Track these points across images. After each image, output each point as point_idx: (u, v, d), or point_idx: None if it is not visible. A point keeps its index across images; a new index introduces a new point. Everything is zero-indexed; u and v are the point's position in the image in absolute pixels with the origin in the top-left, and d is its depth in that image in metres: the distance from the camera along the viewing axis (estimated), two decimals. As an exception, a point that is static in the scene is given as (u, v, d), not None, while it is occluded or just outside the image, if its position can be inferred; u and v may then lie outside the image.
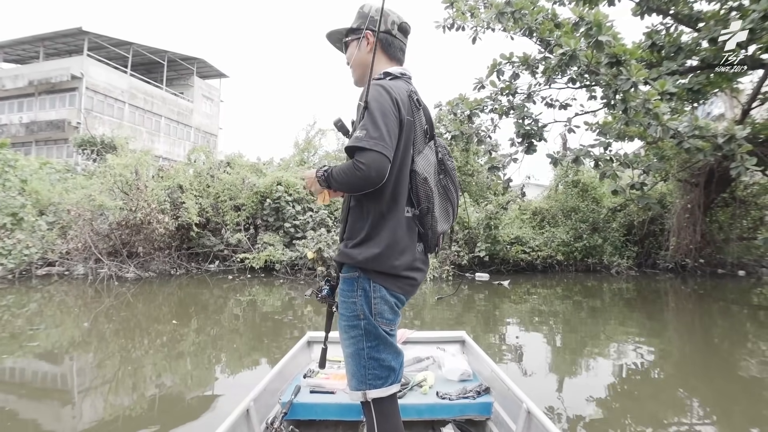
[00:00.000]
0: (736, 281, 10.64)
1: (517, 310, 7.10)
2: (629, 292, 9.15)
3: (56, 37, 24.30)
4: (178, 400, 3.32)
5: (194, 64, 29.51)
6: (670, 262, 11.05)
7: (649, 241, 11.73)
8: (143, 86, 26.88)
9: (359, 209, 1.41)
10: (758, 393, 3.69)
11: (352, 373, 1.42)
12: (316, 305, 7.35)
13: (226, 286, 8.28)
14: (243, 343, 4.91)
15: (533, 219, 11.48)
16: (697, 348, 5.29)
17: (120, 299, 6.93)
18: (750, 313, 7.33)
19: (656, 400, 3.37)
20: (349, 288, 1.40)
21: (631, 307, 7.66)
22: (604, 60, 5.79)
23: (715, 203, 11.40)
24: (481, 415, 2.21)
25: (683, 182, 10.83)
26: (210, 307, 6.77)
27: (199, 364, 4.21)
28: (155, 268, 9.07)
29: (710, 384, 3.88)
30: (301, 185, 10.11)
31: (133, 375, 3.77)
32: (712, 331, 6.04)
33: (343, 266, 1.43)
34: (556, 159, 7.47)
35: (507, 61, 7.56)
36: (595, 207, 11.49)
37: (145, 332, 5.27)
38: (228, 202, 9.90)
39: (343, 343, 1.43)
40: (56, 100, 24.09)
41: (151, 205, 8.38)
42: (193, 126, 29.91)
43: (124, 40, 25.01)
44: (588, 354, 4.77)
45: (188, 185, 9.22)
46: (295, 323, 5.77)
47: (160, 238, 9.07)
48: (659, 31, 9.43)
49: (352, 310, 1.39)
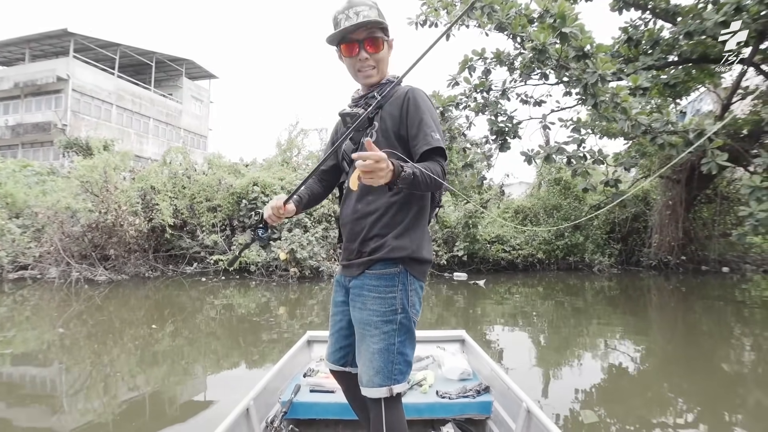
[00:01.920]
0: (719, 278, 10.56)
1: (499, 310, 6.99)
2: (611, 290, 9.06)
3: (42, 38, 24.10)
4: (158, 403, 3.21)
5: (183, 65, 29.33)
6: (653, 259, 10.95)
7: (632, 239, 11.65)
8: (131, 88, 26.69)
9: (405, 202, 1.44)
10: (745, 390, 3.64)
11: (377, 370, 1.38)
12: (290, 307, 7.26)
13: (201, 289, 8.15)
14: (221, 345, 4.82)
15: (515, 217, 11.37)
16: (680, 346, 5.21)
17: (88, 303, 6.78)
18: (733, 310, 7.26)
19: (643, 398, 3.34)
20: (388, 283, 1.40)
21: (613, 305, 7.57)
22: (571, 53, 5.68)
23: (698, 200, 11.32)
24: (481, 414, 2.21)
25: (665, 179, 10.74)
26: (184, 309, 6.63)
27: (174, 368, 4.08)
28: (129, 271, 8.93)
29: (710, 382, 3.82)
30: (278, 186, 9.98)
31: (105, 380, 3.66)
32: (698, 329, 5.98)
33: (377, 262, 1.42)
34: (530, 156, 7.35)
35: (479, 57, 7.45)
36: (577, 205, 11.39)
37: (116, 336, 5.12)
38: (204, 203, 9.76)
39: (371, 339, 1.40)
40: (42, 102, 23.89)
41: (122, 207, 8.23)
42: (183, 127, 29.73)
43: (111, 42, 24.83)
44: (572, 353, 4.71)
45: (161, 186, 9.07)
46: (272, 325, 5.68)
47: (133, 241, 8.92)
48: (638, 26, 9.35)
49: (390, 304, 1.40)
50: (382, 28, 1.47)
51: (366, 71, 1.49)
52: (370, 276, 1.42)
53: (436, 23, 7.73)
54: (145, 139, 27.01)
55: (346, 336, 1.59)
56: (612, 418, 2.97)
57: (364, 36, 1.44)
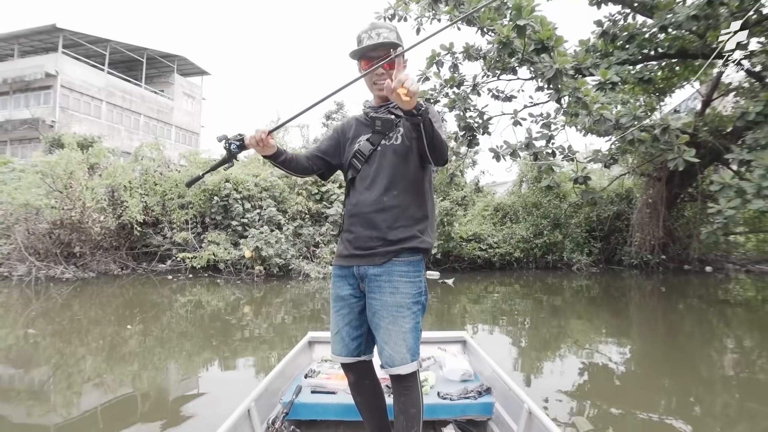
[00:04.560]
0: (702, 277, 10.38)
1: (476, 310, 6.87)
2: (588, 290, 8.88)
3: (31, 34, 23.91)
4: (121, 406, 3.05)
5: (175, 61, 29.13)
6: (635, 258, 10.77)
7: (614, 237, 11.47)
8: (121, 84, 26.51)
9: (422, 194, 1.66)
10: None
11: (408, 347, 1.55)
12: (256, 306, 7.12)
13: (172, 287, 8.03)
14: (192, 345, 4.73)
15: (495, 215, 11.18)
16: (659, 347, 5.12)
17: (49, 302, 6.64)
18: (715, 310, 7.15)
19: (624, 397, 3.32)
20: (415, 269, 1.61)
21: (594, 305, 7.47)
22: (530, 46, 5.50)
23: (682, 198, 11.14)
24: (483, 416, 2.21)
25: (646, 177, 10.57)
26: (147, 307, 6.51)
27: (146, 366, 3.98)
28: (97, 269, 8.79)
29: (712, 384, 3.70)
30: (252, 182, 9.83)
31: (59, 382, 3.50)
32: (675, 330, 5.87)
33: (406, 251, 1.60)
34: (498, 153, 7.18)
35: (447, 51, 7.27)
36: (558, 203, 11.20)
37: (74, 337, 4.98)
38: (176, 200, 9.61)
39: (403, 320, 1.55)
40: (31, 99, 23.72)
41: (87, 203, 8.08)
42: (174, 124, 29.55)
43: (101, 38, 24.65)
44: (551, 354, 4.64)
45: (128, 183, 8.91)
46: (243, 325, 5.60)
47: (101, 238, 8.78)
48: (617, 21, 9.16)
49: (418, 287, 1.61)
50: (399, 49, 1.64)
51: (380, 84, 1.63)
52: (399, 263, 1.59)
53: (405, 17, 7.57)
54: (135, 135, 26.81)
55: (357, 327, 1.68)
56: (606, 421, 2.90)
57: (381, 54, 1.63)
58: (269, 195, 9.78)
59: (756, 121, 6.48)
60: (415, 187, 1.63)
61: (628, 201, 11.50)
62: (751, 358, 4.63)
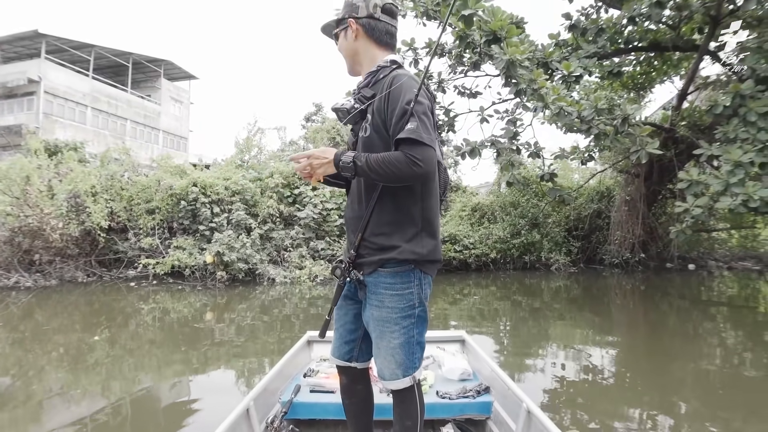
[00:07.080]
0: (684, 275, 10.18)
1: (454, 311, 6.69)
2: (567, 290, 8.66)
3: (13, 40, 23.75)
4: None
5: (161, 66, 28.93)
6: (615, 257, 10.54)
7: (596, 236, 11.24)
8: (106, 89, 26.30)
9: (408, 196, 1.39)
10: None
11: (399, 363, 1.44)
12: (218, 311, 6.89)
13: (136, 294, 7.77)
14: (161, 353, 4.59)
15: (472, 216, 10.95)
16: (648, 346, 5.01)
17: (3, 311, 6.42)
18: (693, 308, 7.04)
19: (608, 397, 3.31)
20: (403, 280, 1.42)
21: (575, 305, 7.34)
22: (481, 37, 5.29)
23: (662, 195, 10.93)
24: (481, 415, 2.21)
25: (625, 174, 10.36)
26: (116, 316, 6.31)
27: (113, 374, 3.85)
28: (59, 276, 8.55)
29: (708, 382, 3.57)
30: (221, 186, 9.60)
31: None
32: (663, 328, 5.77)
33: (389, 261, 1.41)
34: (463, 151, 6.97)
35: (408, 47, 7.07)
36: (536, 202, 10.97)
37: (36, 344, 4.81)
38: (142, 205, 9.37)
39: (391, 335, 1.43)
40: (14, 105, 23.53)
41: (44, 210, 7.85)
42: (162, 129, 29.32)
43: (85, 43, 24.46)
44: (533, 354, 4.56)
45: (89, 188, 8.66)
46: (212, 331, 5.46)
47: (63, 245, 8.54)
48: (590, 14, 8.97)
49: (408, 300, 1.43)
50: (337, 22, 1.50)
51: (346, 64, 1.55)
52: (384, 274, 1.42)
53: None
54: (121, 141, 26.60)
55: (351, 330, 1.60)
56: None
57: (333, 37, 1.54)
58: (240, 199, 9.56)
59: (724, 115, 6.28)
60: (396, 188, 1.38)
61: (608, 199, 11.29)
62: (734, 356, 4.61)
